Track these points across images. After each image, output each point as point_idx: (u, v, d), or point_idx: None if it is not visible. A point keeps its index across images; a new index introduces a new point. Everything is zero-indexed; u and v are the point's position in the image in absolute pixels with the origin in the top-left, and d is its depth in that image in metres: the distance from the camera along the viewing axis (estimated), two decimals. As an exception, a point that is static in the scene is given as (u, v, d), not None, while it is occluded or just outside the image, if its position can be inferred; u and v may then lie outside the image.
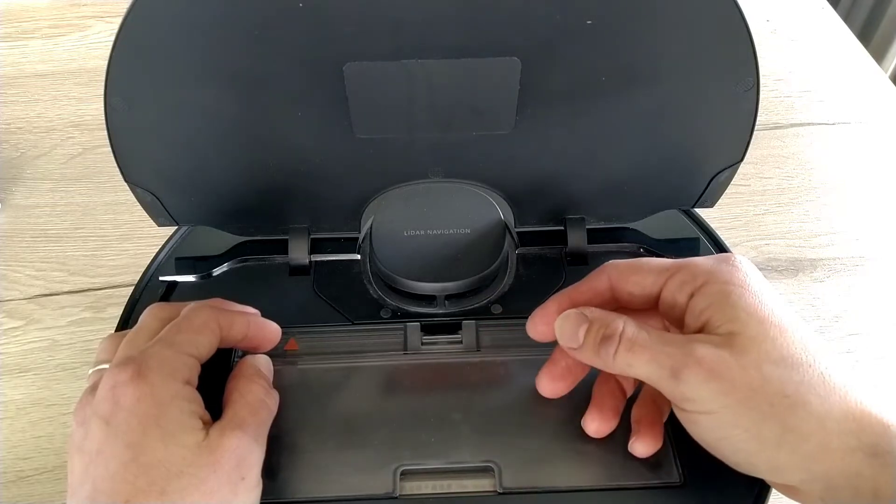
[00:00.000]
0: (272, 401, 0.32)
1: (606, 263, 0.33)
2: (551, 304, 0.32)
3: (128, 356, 0.29)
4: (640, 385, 0.33)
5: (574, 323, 0.30)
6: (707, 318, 0.29)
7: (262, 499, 0.30)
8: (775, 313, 0.28)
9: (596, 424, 0.32)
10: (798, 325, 0.28)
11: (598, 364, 0.30)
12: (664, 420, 0.32)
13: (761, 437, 0.26)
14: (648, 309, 0.32)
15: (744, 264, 0.30)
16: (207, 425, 0.29)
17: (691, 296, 0.30)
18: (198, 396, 0.29)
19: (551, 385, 0.33)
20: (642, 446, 0.31)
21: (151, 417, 0.27)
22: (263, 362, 0.33)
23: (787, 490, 0.28)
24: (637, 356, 0.28)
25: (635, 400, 0.33)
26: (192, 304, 0.32)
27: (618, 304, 0.32)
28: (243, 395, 0.31)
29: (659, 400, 0.32)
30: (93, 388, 0.29)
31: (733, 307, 0.28)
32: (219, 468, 0.27)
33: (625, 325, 0.29)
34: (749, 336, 0.27)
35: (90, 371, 0.31)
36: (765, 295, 0.29)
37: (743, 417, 0.26)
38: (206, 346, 0.31)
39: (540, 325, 0.32)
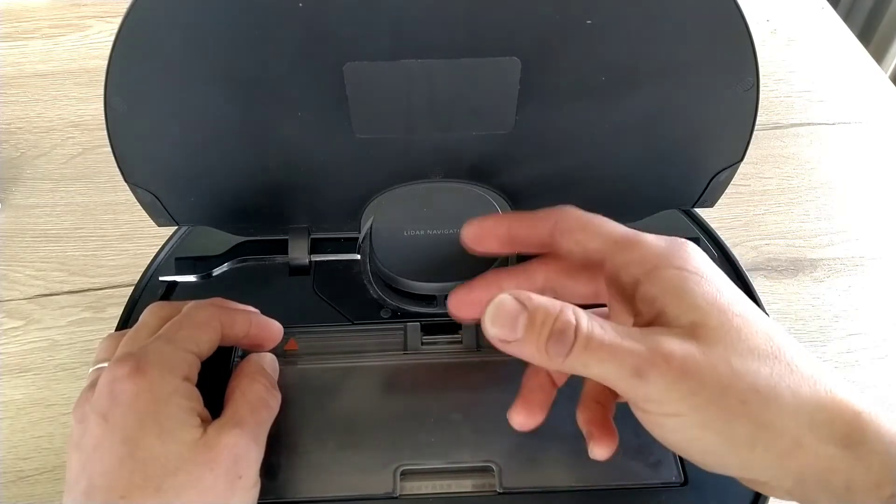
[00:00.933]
0: (274, 400, 0.32)
1: (561, 207, 0.30)
2: (492, 222, 0.31)
3: (127, 352, 0.29)
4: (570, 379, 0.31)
5: (510, 312, 0.25)
6: (662, 307, 0.26)
7: (262, 499, 0.30)
8: (735, 302, 0.26)
9: (522, 418, 0.30)
10: (758, 314, 0.26)
11: (540, 362, 0.25)
12: (611, 417, 0.30)
13: (734, 437, 0.24)
14: (579, 267, 0.30)
15: (695, 250, 0.28)
16: (206, 422, 0.29)
17: (638, 279, 0.27)
18: (196, 393, 0.29)
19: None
20: (601, 449, 0.29)
21: (149, 413, 0.27)
22: (268, 361, 0.33)
23: (756, 484, 0.26)
24: (594, 354, 0.24)
25: (578, 403, 0.31)
26: (193, 303, 0.32)
27: (550, 251, 0.30)
28: (244, 393, 0.31)
29: (601, 398, 0.30)
30: (92, 386, 0.29)
31: (691, 295, 0.25)
32: (216, 466, 0.27)
33: (577, 318, 0.25)
34: (713, 327, 0.25)
35: (90, 370, 0.31)
36: (722, 283, 0.27)
37: (714, 418, 0.24)
38: (206, 344, 0.31)
39: (474, 236, 0.31)
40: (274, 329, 0.34)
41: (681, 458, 0.32)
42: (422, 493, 0.31)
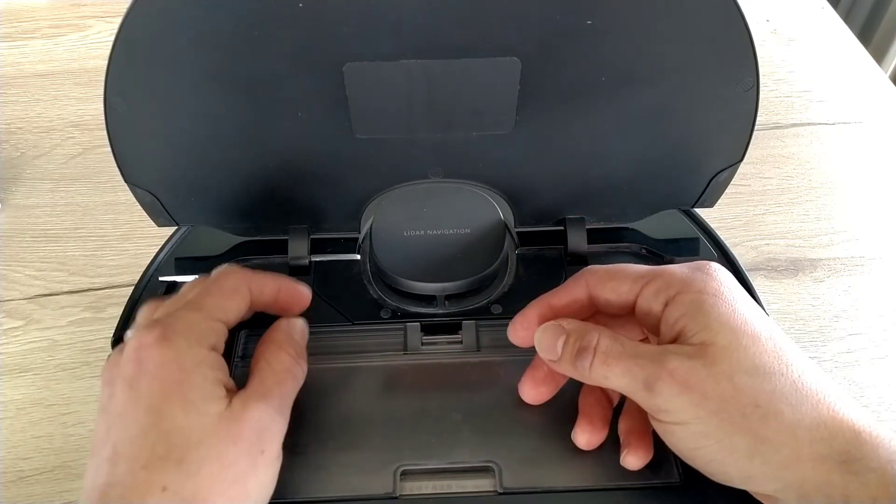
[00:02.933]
0: (300, 371, 0.32)
1: (585, 269, 0.33)
2: (531, 310, 0.32)
3: (156, 318, 0.29)
4: (624, 396, 0.33)
5: (552, 335, 0.30)
6: (681, 328, 0.29)
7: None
8: (749, 322, 0.28)
9: (587, 437, 0.32)
10: (772, 333, 0.28)
11: (577, 376, 0.30)
12: (651, 429, 0.32)
13: (733, 447, 0.26)
14: (626, 315, 0.32)
15: (719, 272, 0.30)
16: (231, 393, 0.28)
17: (666, 304, 0.29)
18: (223, 363, 0.29)
19: (534, 391, 0.33)
20: (635, 459, 0.31)
21: (174, 383, 0.27)
22: (299, 328, 0.33)
23: (764, 497, 0.28)
24: (611, 368, 0.28)
25: (621, 411, 0.33)
26: (222, 267, 0.32)
27: (596, 311, 0.32)
28: (270, 363, 0.30)
29: (643, 410, 0.32)
30: (122, 350, 0.29)
31: (706, 316, 0.28)
32: (239, 440, 0.27)
33: (599, 337, 0.29)
34: (721, 346, 0.27)
35: (127, 334, 0.31)
36: (739, 303, 0.29)
37: (715, 428, 0.26)
38: (235, 312, 0.31)
39: (521, 331, 0.32)
40: (302, 293, 0.34)
41: (680, 459, 0.32)
42: (422, 494, 0.31)
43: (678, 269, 0.30)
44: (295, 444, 0.33)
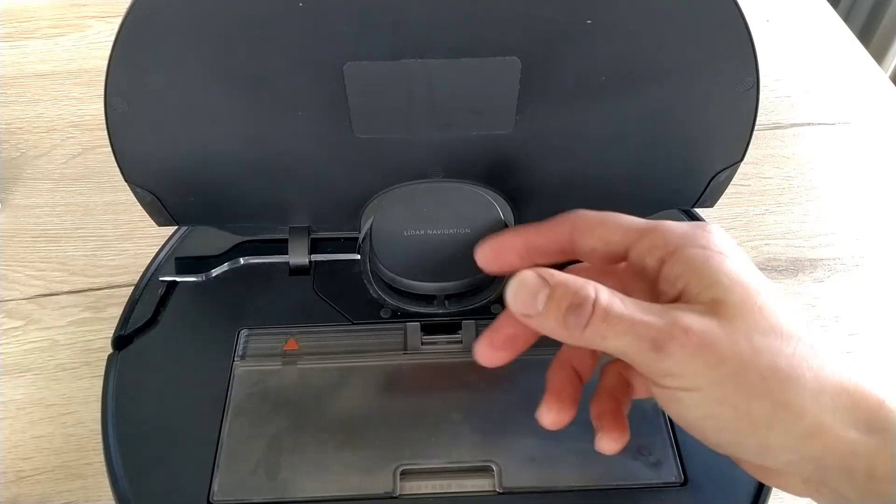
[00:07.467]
0: None
1: (572, 211, 0.30)
2: (505, 239, 0.30)
3: None
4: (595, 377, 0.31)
5: (532, 287, 0.26)
6: (684, 285, 0.26)
7: (262, 499, 0.30)
8: (758, 281, 0.26)
9: (553, 415, 0.29)
10: (781, 295, 0.26)
11: (562, 336, 0.26)
12: (626, 412, 0.30)
13: (751, 414, 0.24)
14: (605, 270, 0.29)
15: (719, 231, 0.28)
16: None
17: (662, 261, 0.27)
18: None
19: (491, 353, 0.29)
20: (610, 441, 0.28)
21: None
22: None
23: (766, 473, 0.26)
24: (612, 327, 0.25)
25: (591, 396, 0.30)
26: None
27: (573, 257, 0.30)
28: None
29: (617, 392, 0.30)
30: None
31: (714, 272, 0.25)
32: None
33: (597, 292, 0.25)
34: (735, 303, 0.24)
35: None
36: (745, 262, 0.26)
37: (731, 394, 0.24)
38: None
39: (490, 254, 0.30)
40: None
41: (681, 459, 0.32)
42: (422, 493, 0.31)
43: (675, 224, 0.28)
44: (295, 444, 0.33)
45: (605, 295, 0.25)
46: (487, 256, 0.30)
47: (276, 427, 0.33)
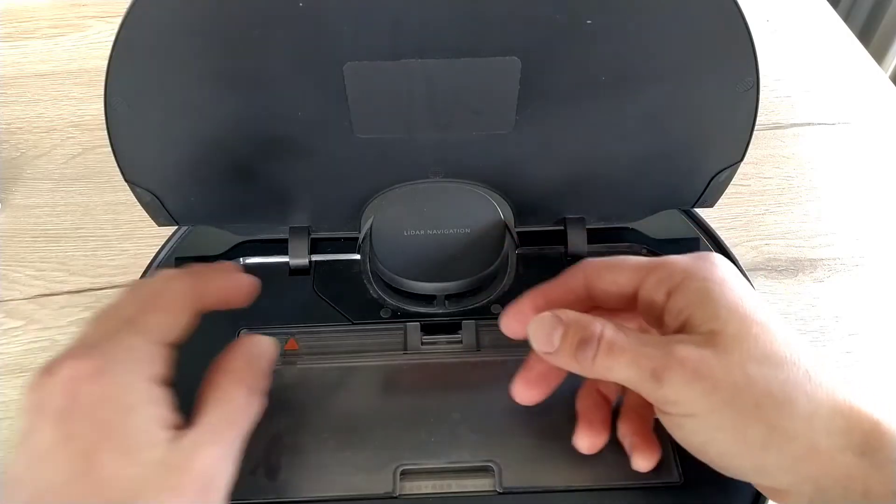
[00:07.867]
0: (258, 404, 0.28)
1: (582, 261, 0.32)
2: (525, 301, 0.31)
3: (92, 344, 0.26)
4: (621, 398, 0.32)
5: (548, 327, 0.29)
6: (687, 317, 0.28)
7: (262, 499, 0.30)
8: (757, 310, 0.27)
9: (589, 441, 0.31)
10: (780, 323, 0.27)
11: (576, 368, 0.28)
12: (652, 428, 0.31)
13: (747, 438, 0.25)
14: (624, 309, 0.31)
15: (721, 262, 0.29)
16: (176, 430, 0.25)
17: (669, 294, 0.29)
18: (167, 397, 0.25)
19: (527, 392, 0.32)
20: (644, 460, 0.30)
21: (112, 425, 0.24)
22: (263, 352, 0.29)
23: (776, 493, 0.27)
24: (617, 359, 0.27)
25: (619, 414, 0.32)
26: (162, 275, 0.28)
27: (593, 304, 0.31)
28: (224, 398, 0.27)
29: (642, 410, 0.31)
30: (51, 371, 0.25)
31: (714, 304, 0.27)
32: (183, 492, 0.24)
33: (603, 328, 0.28)
34: (731, 334, 0.26)
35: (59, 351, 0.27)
36: (745, 292, 0.28)
37: (727, 419, 0.26)
38: (178, 329, 0.27)
39: (514, 322, 0.31)
40: (246, 285, 0.30)
41: (680, 459, 0.32)
42: (422, 493, 0.31)
43: (679, 258, 0.30)
44: (295, 444, 0.33)
45: (609, 330, 0.28)
46: (511, 324, 0.32)
47: (276, 427, 0.33)
